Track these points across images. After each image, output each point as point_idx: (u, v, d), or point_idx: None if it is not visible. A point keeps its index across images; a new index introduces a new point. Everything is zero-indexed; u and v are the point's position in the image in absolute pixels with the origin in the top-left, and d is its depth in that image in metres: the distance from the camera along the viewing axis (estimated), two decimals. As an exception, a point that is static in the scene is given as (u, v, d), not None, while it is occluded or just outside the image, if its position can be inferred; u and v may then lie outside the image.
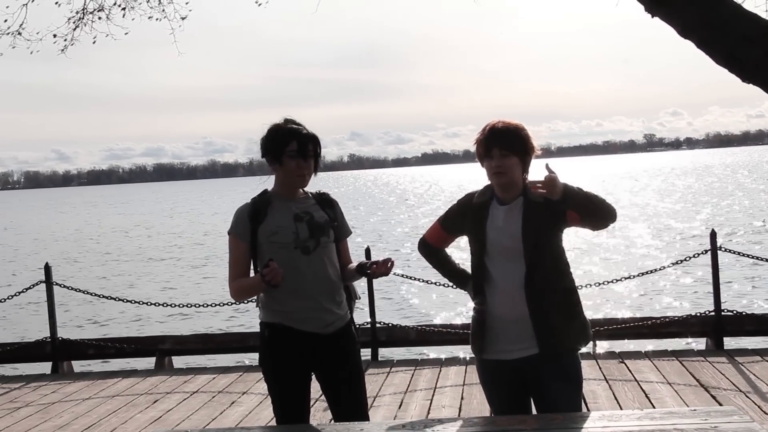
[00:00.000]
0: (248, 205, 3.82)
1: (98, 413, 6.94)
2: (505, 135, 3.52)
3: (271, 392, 3.84)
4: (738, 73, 3.93)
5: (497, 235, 3.54)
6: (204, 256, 29.71)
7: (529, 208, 3.51)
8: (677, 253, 20.98)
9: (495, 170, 3.52)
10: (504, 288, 3.52)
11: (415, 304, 16.23)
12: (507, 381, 3.57)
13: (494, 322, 3.54)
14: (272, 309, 3.79)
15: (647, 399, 6.40)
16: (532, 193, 3.44)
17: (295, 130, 3.76)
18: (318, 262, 3.77)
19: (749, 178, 68.74)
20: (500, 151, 3.50)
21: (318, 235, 3.78)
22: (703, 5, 3.97)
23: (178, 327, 14.85)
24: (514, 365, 3.52)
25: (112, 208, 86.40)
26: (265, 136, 3.83)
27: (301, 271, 3.72)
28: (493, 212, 3.58)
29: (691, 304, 14.17)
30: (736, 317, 8.38)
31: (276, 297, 3.75)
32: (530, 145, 3.56)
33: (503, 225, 3.54)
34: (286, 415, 3.79)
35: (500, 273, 3.53)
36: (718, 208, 37.93)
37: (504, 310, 3.51)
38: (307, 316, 3.74)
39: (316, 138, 3.81)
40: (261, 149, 3.85)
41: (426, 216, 43.05)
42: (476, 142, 3.59)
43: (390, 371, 7.74)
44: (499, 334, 3.53)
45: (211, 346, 9.32)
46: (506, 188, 3.57)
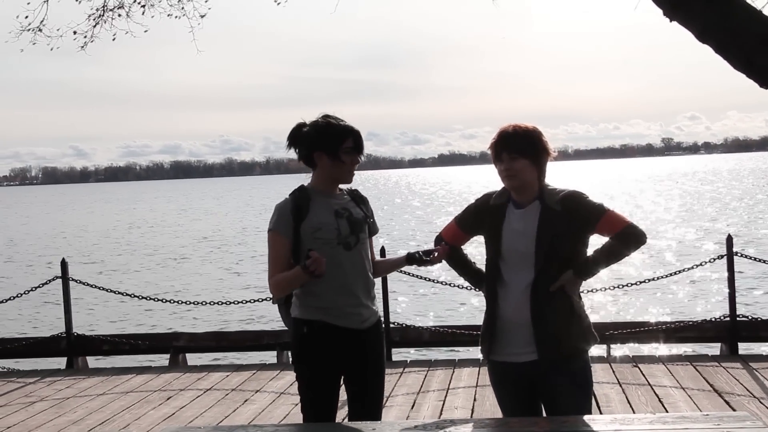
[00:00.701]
0: (288, 201, 3.83)
1: (112, 409, 6.98)
2: (514, 138, 3.53)
3: (303, 389, 3.86)
4: (756, 78, 3.90)
5: (511, 238, 3.54)
6: (228, 254, 29.82)
7: (546, 214, 3.50)
8: (694, 258, 20.88)
9: (504, 173, 3.55)
10: (513, 291, 3.53)
11: (429, 305, 16.23)
12: (515, 383, 3.58)
13: (503, 324, 3.56)
14: (311, 305, 3.79)
15: (660, 403, 6.37)
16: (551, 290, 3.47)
17: (351, 128, 3.83)
18: (358, 257, 3.82)
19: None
20: (509, 154, 3.52)
21: (357, 231, 3.83)
22: (720, 9, 3.95)
23: (192, 324, 14.90)
24: (521, 368, 3.53)
25: (132, 204, 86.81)
26: (317, 131, 3.82)
27: (343, 267, 3.76)
28: (510, 215, 3.59)
29: (706, 309, 14.10)
30: (751, 323, 8.34)
31: (316, 293, 3.77)
32: (542, 148, 3.56)
33: (518, 228, 3.53)
34: (317, 413, 3.82)
35: (511, 276, 3.54)
36: (736, 212, 37.69)
37: (512, 314, 3.52)
38: (348, 311, 3.78)
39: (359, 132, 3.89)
40: (306, 144, 3.84)
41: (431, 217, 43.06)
42: (490, 147, 3.62)
43: (403, 371, 7.75)
44: (508, 337, 3.55)
45: (225, 344, 9.35)
46: (519, 191, 3.57)
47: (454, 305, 15.98)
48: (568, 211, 3.47)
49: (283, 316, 4.00)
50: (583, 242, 3.55)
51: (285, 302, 3.93)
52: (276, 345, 8.68)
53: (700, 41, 4.09)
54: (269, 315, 14.21)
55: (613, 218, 3.51)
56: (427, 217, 45.27)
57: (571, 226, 3.47)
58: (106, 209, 79.41)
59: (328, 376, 3.81)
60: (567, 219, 3.46)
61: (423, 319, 13.95)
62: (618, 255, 3.54)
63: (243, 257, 28.11)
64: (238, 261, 27.07)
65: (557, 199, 3.51)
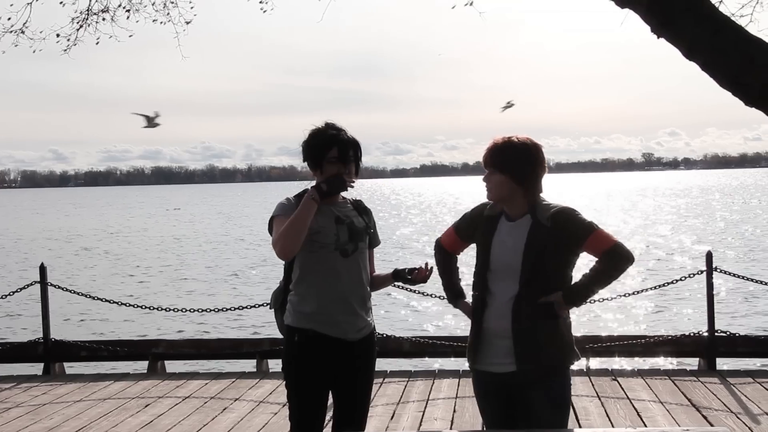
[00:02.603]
0: (293, 199, 3.82)
1: (89, 416, 6.92)
2: (495, 152, 3.55)
3: (292, 398, 3.85)
4: (742, 96, 3.95)
5: (500, 250, 3.55)
6: (210, 261, 29.70)
7: (535, 229, 3.50)
8: (674, 272, 21.01)
9: (486, 186, 3.59)
10: (498, 302, 3.53)
11: (409, 316, 16.22)
12: (496, 393, 3.60)
13: (487, 334, 3.57)
14: (304, 313, 3.79)
15: (639, 417, 6.39)
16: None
17: (335, 136, 3.80)
18: (355, 266, 3.82)
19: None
20: (488, 168, 3.56)
21: (357, 239, 3.84)
22: (708, 28, 3.99)
23: (171, 331, 14.81)
24: (501, 379, 3.54)
25: (112, 209, 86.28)
26: (306, 141, 3.86)
27: (338, 273, 3.77)
28: (501, 227, 3.60)
29: (684, 323, 14.18)
30: (729, 338, 8.39)
31: (309, 299, 3.76)
32: (527, 164, 3.53)
33: (507, 241, 3.54)
34: (304, 422, 3.82)
35: (497, 287, 3.54)
36: (714, 227, 37.99)
37: (494, 324, 3.53)
38: (340, 319, 3.78)
39: (357, 143, 3.86)
40: (302, 154, 3.88)
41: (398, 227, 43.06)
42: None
43: (383, 382, 7.73)
44: (490, 347, 3.56)
45: (204, 352, 9.30)
46: (506, 205, 3.59)
47: (434, 316, 15.98)
48: (558, 227, 3.46)
49: (278, 322, 3.99)
50: (569, 260, 3.55)
51: (281, 307, 3.92)
52: (256, 353, 8.65)
53: (687, 58, 4.13)
54: (249, 323, 14.18)
55: (601, 237, 3.50)
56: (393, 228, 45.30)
57: (560, 242, 3.47)
58: (85, 214, 78.89)
59: (317, 386, 3.81)
60: (556, 235, 3.46)
61: (403, 330, 13.93)
62: (607, 277, 3.54)
63: (225, 264, 28.00)
64: (220, 268, 26.95)
65: (548, 214, 3.50)
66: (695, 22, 4.02)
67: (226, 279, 23.96)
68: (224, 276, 24.75)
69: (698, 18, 4.03)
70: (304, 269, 3.78)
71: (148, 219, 64.77)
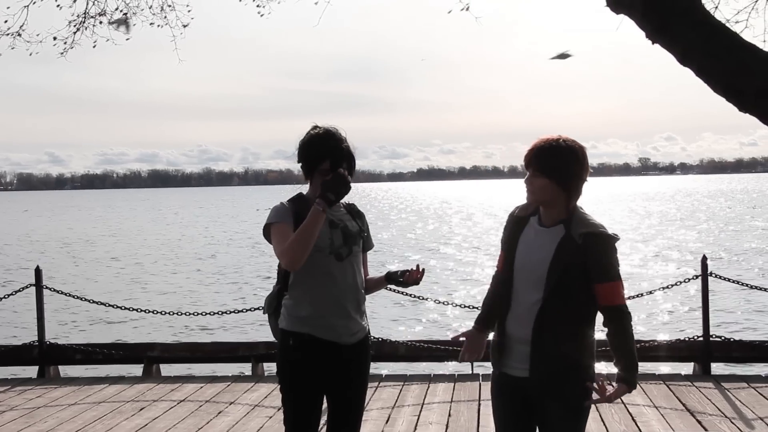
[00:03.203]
0: (288, 204, 3.82)
1: (83, 419, 6.91)
2: (542, 155, 3.41)
3: (287, 402, 3.85)
4: (736, 102, 3.96)
5: (526, 254, 3.47)
6: (205, 264, 29.68)
7: (566, 242, 3.38)
8: (669, 277, 21.03)
9: (526, 187, 3.47)
10: (519, 307, 3.46)
11: (404, 320, 16.21)
12: (511, 395, 3.55)
13: (508, 337, 3.52)
14: (299, 316, 3.78)
15: (634, 422, 6.40)
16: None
17: (332, 148, 3.77)
18: (349, 269, 3.82)
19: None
20: (532, 170, 3.42)
21: (351, 243, 3.83)
22: (702, 34, 4.01)
23: (167, 335, 14.79)
24: (517, 382, 3.49)
25: (109, 212, 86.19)
26: (303, 145, 3.84)
27: (333, 277, 3.77)
28: (530, 230, 3.51)
29: (679, 328, 14.19)
30: (723, 343, 8.41)
31: (304, 303, 3.76)
32: (573, 171, 3.41)
33: (535, 247, 3.45)
34: (299, 426, 3.82)
35: (519, 291, 3.47)
36: (710, 233, 38.04)
37: (514, 329, 3.48)
38: (336, 323, 3.78)
39: (352, 156, 3.83)
40: (297, 154, 3.87)
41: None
42: (524, 155, 3.50)
43: (378, 386, 7.73)
44: (510, 350, 3.51)
45: (199, 355, 9.29)
46: (545, 207, 3.47)
47: (429, 320, 15.98)
48: (588, 251, 3.34)
49: (272, 326, 3.98)
50: (587, 283, 3.40)
51: (275, 311, 3.92)
52: (251, 357, 8.65)
53: (681, 64, 4.14)
54: (245, 326, 14.16)
55: (618, 291, 3.39)
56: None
57: (584, 263, 3.35)
58: (82, 217, 78.80)
59: (312, 390, 3.81)
60: (584, 255, 3.34)
61: (398, 333, 13.93)
62: (630, 337, 3.44)
63: (219, 268, 27.98)
64: (215, 272, 26.94)
65: (582, 231, 3.37)
66: (690, 28, 4.03)
67: (223, 282, 23.93)
68: (220, 279, 24.73)
69: (693, 24, 4.04)
70: (299, 273, 3.77)
71: (150, 221, 64.69)
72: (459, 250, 32.31)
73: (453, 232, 43.53)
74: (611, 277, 3.37)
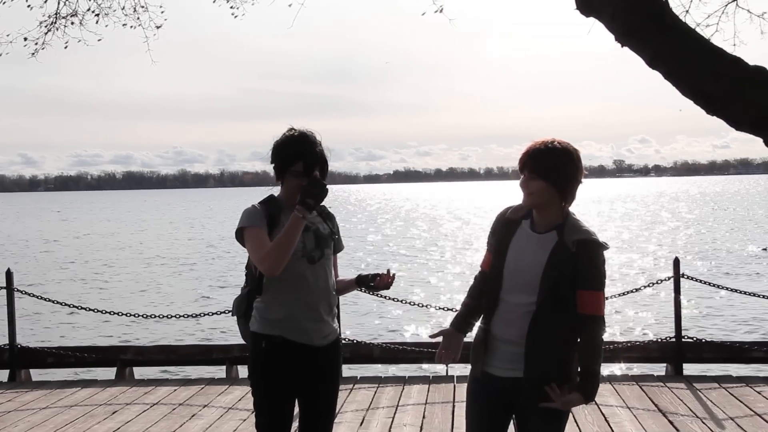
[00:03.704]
0: (259, 206, 3.80)
1: (55, 423, 6.84)
2: (536, 157, 3.39)
3: (258, 405, 3.83)
4: (703, 105, 4.00)
5: (517, 258, 3.44)
6: (178, 267, 29.52)
7: (559, 249, 3.36)
8: (642, 278, 21.20)
9: (521, 189, 3.43)
10: (508, 310, 3.43)
11: (379, 322, 16.22)
12: (489, 396, 3.52)
13: (494, 339, 3.49)
14: (271, 319, 3.77)
15: (607, 423, 6.44)
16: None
17: (304, 151, 3.75)
18: (321, 272, 3.82)
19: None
20: (528, 172, 3.40)
21: (323, 246, 3.83)
22: (671, 38, 4.04)
23: (140, 337, 14.70)
24: (501, 383, 3.47)
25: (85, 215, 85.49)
26: (277, 146, 3.82)
27: (305, 280, 3.76)
28: (521, 234, 3.47)
29: (652, 329, 14.30)
30: (695, 344, 8.49)
31: (276, 305, 3.75)
32: (569, 173, 3.40)
33: (527, 252, 3.43)
34: (272, 429, 3.81)
35: (509, 294, 3.44)
36: (682, 234, 38.37)
37: (504, 331, 3.45)
38: (308, 326, 3.77)
39: (324, 159, 3.82)
40: (271, 155, 3.85)
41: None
42: (519, 158, 3.48)
43: (353, 388, 7.73)
44: (496, 351, 3.48)
45: (173, 358, 9.24)
46: (539, 211, 3.45)
47: (404, 322, 15.99)
48: (580, 257, 3.34)
49: (241, 329, 3.96)
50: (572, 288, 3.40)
51: (245, 314, 3.90)
52: (225, 359, 8.61)
53: (650, 67, 4.17)
54: (219, 329, 14.11)
55: (597, 301, 3.39)
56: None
57: (575, 269, 3.35)
58: (53, 218, 78.09)
59: (285, 393, 3.80)
60: (576, 262, 3.34)
61: (373, 336, 13.93)
62: (599, 349, 3.40)
63: (193, 270, 27.84)
64: (188, 274, 26.80)
65: (576, 239, 3.37)
66: (658, 32, 4.07)
67: (197, 285, 23.82)
68: (194, 282, 24.61)
69: (661, 28, 4.07)
70: (272, 276, 3.77)
71: (119, 224, 64.24)
72: (441, 253, 32.36)
73: (442, 235, 43.60)
74: (597, 286, 3.38)
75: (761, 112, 3.79)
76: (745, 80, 3.88)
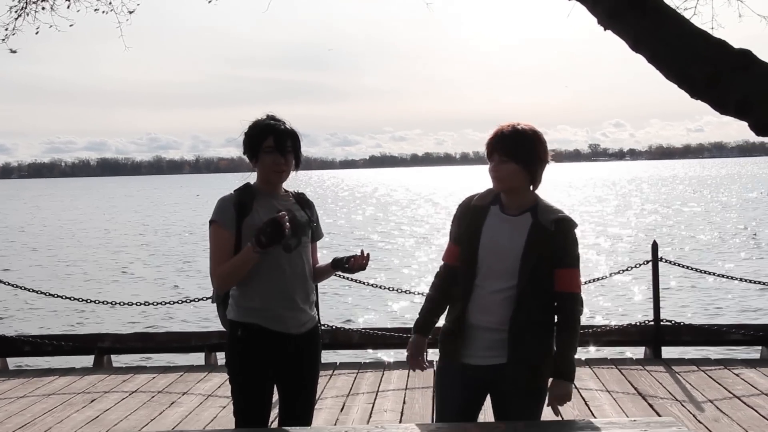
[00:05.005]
0: (232, 195, 3.76)
1: (32, 412, 6.77)
2: (507, 140, 3.38)
3: (236, 393, 3.80)
4: (688, 89, 3.98)
5: (492, 245, 3.41)
6: (150, 253, 29.36)
7: (536, 231, 3.36)
8: (620, 262, 21.34)
9: (492, 174, 3.41)
10: (486, 296, 3.41)
11: (358, 307, 16.21)
12: (466, 385, 3.49)
13: (470, 327, 3.45)
14: (247, 307, 3.73)
15: (587, 406, 6.47)
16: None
17: (273, 126, 3.74)
18: (298, 260, 3.77)
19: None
20: (499, 156, 3.38)
21: (299, 233, 3.78)
22: (654, 20, 4.02)
23: (118, 325, 14.59)
24: (480, 372, 3.44)
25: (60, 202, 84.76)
26: (246, 131, 3.79)
27: (281, 269, 3.71)
28: (493, 219, 3.45)
29: (630, 313, 14.39)
30: (674, 327, 8.53)
31: (252, 294, 3.71)
32: (538, 154, 3.41)
33: (502, 237, 3.40)
34: (249, 417, 3.77)
35: (485, 281, 3.41)
36: (662, 218, 38.67)
37: (482, 318, 3.41)
38: (284, 314, 3.73)
39: (295, 134, 3.79)
40: (243, 146, 3.81)
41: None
42: (486, 143, 3.46)
43: (332, 374, 7.71)
44: (473, 339, 3.45)
45: (151, 345, 9.17)
46: (509, 195, 3.44)
47: (384, 307, 16.00)
48: (558, 236, 3.35)
49: (220, 316, 3.93)
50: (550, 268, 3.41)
51: (223, 302, 3.86)
52: (204, 347, 8.56)
53: (633, 51, 4.15)
54: (197, 316, 14.03)
55: (575, 278, 3.40)
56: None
57: (554, 249, 3.35)
58: (25, 206, 77.38)
59: (262, 381, 3.77)
60: (555, 242, 3.35)
61: (352, 322, 13.93)
62: (575, 331, 3.41)
63: (172, 256, 27.70)
64: (167, 260, 26.66)
65: (553, 218, 3.38)
66: (641, 15, 4.04)
67: (173, 271, 23.69)
68: (171, 268, 24.47)
69: (644, 11, 4.05)
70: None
71: (95, 210, 63.77)
72: (424, 237, 32.39)
73: (419, 220, 43.64)
74: (574, 263, 3.40)
75: (746, 96, 3.78)
76: (729, 63, 3.87)
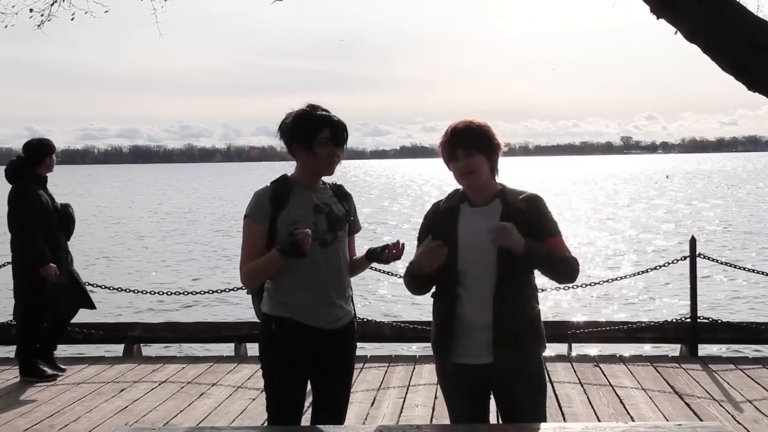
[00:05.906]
0: (268, 189, 3.70)
1: (62, 401, 6.76)
2: (468, 134, 3.45)
3: (269, 388, 3.74)
4: (744, 80, 3.82)
5: (470, 239, 3.44)
6: (188, 242, 29.51)
7: (509, 213, 3.42)
8: (658, 258, 21.06)
9: (461, 171, 3.44)
10: (473, 292, 3.43)
11: (390, 300, 16.14)
12: (471, 386, 3.50)
13: (462, 326, 3.45)
14: (282, 302, 3.67)
15: (622, 404, 6.33)
16: (492, 242, 3.34)
17: (328, 117, 3.67)
18: (334, 256, 3.70)
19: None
20: (465, 151, 3.43)
21: (336, 228, 3.71)
22: (711, 9, 3.86)
23: (148, 314, 14.63)
24: (477, 370, 3.45)
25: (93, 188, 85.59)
26: (293, 121, 3.69)
27: (317, 264, 3.64)
28: (465, 215, 3.50)
29: (667, 309, 14.18)
30: (711, 325, 8.37)
31: (287, 289, 3.65)
32: (495, 143, 3.49)
33: (478, 228, 3.42)
34: (281, 413, 3.70)
35: (471, 277, 3.43)
36: (698, 214, 38.18)
37: (472, 315, 3.43)
38: (319, 310, 3.67)
39: (346, 125, 3.73)
40: (285, 135, 3.72)
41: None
42: (440, 146, 3.52)
43: (363, 367, 7.63)
44: (467, 339, 3.45)
45: (181, 335, 9.16)
46: (477, 189, 3.49)
47: (415, 301, 15.88)
48: (531, 213, 3.42)
49: (256, 308, 3.87)
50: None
51: (258, 294, 3.80)
52: (234, 337, 8.52)
53: (688, 41, 3.99)
54: (228, 306, 14.01)
55: (561, 244, 3.48)
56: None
57: (531, 227, 3.39)
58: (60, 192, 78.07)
59: (296, 377, 3.70)
60: (529, 220, 3.40)
61: (384, 314, 13.85)
62: (564, 267, 3.47)
63: (205, 247, 27.81)
64: (198, 250, 26.76)
65: (521, 197, 3.46)
66: (698, 3, 3.89)
67: (206, 261, 23.77)
68: (203, 258, 24.56)
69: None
70: None
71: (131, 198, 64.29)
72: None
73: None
74: (556, 232, 3.47)
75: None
76: None
